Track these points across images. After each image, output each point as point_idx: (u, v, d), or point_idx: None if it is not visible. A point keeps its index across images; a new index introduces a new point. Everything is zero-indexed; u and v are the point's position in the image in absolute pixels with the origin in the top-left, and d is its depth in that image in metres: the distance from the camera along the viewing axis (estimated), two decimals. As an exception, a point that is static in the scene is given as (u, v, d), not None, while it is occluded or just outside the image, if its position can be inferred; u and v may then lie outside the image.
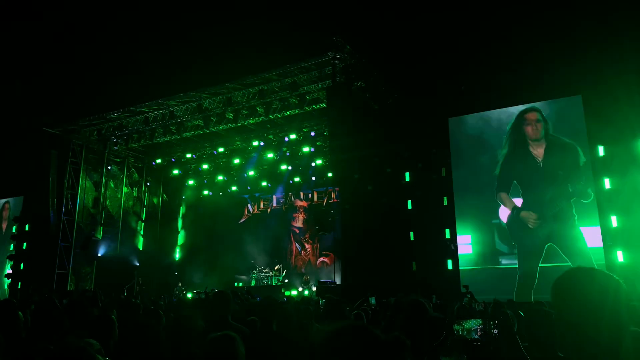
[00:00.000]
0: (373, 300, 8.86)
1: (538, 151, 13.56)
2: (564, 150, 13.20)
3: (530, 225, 13.45)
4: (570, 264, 12.44)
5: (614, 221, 12.99)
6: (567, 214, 13.04)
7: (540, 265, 13.06)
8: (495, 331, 2.91)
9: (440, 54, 14.83)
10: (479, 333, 3.13)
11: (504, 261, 13.79)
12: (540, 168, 13.50)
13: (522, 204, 13.69)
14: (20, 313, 3.80)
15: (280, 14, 17.26)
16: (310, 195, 22.69)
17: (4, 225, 22.90)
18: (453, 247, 14.64)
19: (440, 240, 14.95)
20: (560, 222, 13.03)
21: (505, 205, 13.97)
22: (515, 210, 13.78)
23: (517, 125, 14.06)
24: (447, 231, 14.98)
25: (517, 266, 13.49)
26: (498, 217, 14.14)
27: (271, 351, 3.56)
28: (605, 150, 13.47)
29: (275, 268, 20.88)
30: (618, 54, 12.42)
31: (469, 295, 10.43)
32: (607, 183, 13.31)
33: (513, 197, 13.95)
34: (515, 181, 13.93)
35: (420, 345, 3.01)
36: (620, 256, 12.67)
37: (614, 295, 1.39)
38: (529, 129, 13.80)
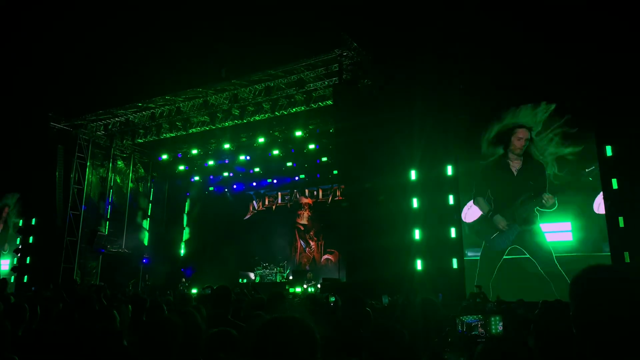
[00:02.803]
0: (386, 299, 8.86)
1: (515, 163, 14.79)
2: (537, 166, 14.46)
3: (500, 228, 14.64)
4: (529, 256, 14.03)
5: (621, 222, 12.91)
6: (534, 219, 14.29)
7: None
8: (500, 328, 2.88)
9: (449, 51, 14.77)
10: (480, 329, 3.11)
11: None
12: (514, 177, 14.74)
13: (494, 208, 14.90)
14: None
15: (287, 10, 17.21)
16: (315, 193, 22.69)
17: (1, 226, 23.24)
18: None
19: (446, 239, 14.92)
20: (527, 226, 14.31)
21: (481, 208, 15.08)
22: (490, 213, 14.91)
23: (506, 134, 14.98)
24: (453, 229, 14.96)
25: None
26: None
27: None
28: (613, 150, 13.38)
29: (280, 265, 20.91)
30: (627, 53, 12.33)
31: (482, 295, 10.43)
32: (614, 183, 13.23)
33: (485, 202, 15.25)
34: (490, 188, 15.09)
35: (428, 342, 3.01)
36: (627, 257, 12.60)
37: (635, 294, 1.37)
38: (515, 142, 14.79)
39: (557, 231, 13.93)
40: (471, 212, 15.25)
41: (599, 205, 13.44)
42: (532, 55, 13.87)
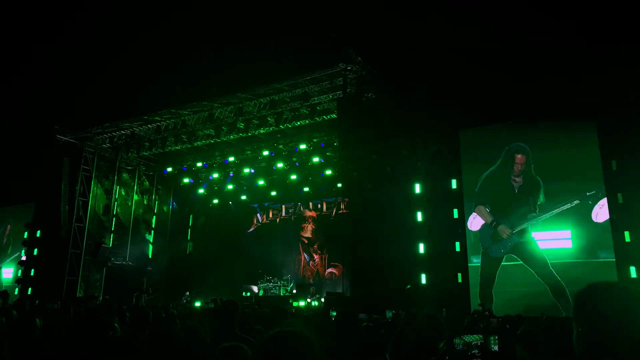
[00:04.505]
0: (389, 314, 8.78)
1: (516, 180, 15.42)
2: (534, 183, 15.06)
3: (503, 237, 15.19)
4: (522, 263, 14.60)
5: (627, 236, 12.83)
6: (527, 230, 14.95)
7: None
8: (496, 347, 2.87)
9: (452, 66, 14.86)
10: (478, 347, 3.09)
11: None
12: (515, 194, 15.32)
13: (496, 218, 15.42)
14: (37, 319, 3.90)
15: (292, 25, 17.39)
16: (319, 206, 22.67)
17: (5, 240, 23.61)
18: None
19: (450, 253, 14.85)
20: (522, 237, 14.98)
21: (482, 217, 15.58)
22: (493, 222, 15.40)
23: (507, 158, 15.56)
24: (457, 244, 14.89)
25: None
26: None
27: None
28: (618, 165, 13.36)
29: (284, 278, 20.82)
30: (632, 69, 12.35)
31: (487, 313, 10.34)
32: (620, 198, 13.18)
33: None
34: (490, 198, 15.63)
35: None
36: (633, 272, 12.49)
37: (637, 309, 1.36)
38: (514, 167, 15.45)
39: (558, 239, 14.39)
40: (477, 221, 15.54)
41: (596, 215, 13.69)
42: (544, 69, 14.00)
